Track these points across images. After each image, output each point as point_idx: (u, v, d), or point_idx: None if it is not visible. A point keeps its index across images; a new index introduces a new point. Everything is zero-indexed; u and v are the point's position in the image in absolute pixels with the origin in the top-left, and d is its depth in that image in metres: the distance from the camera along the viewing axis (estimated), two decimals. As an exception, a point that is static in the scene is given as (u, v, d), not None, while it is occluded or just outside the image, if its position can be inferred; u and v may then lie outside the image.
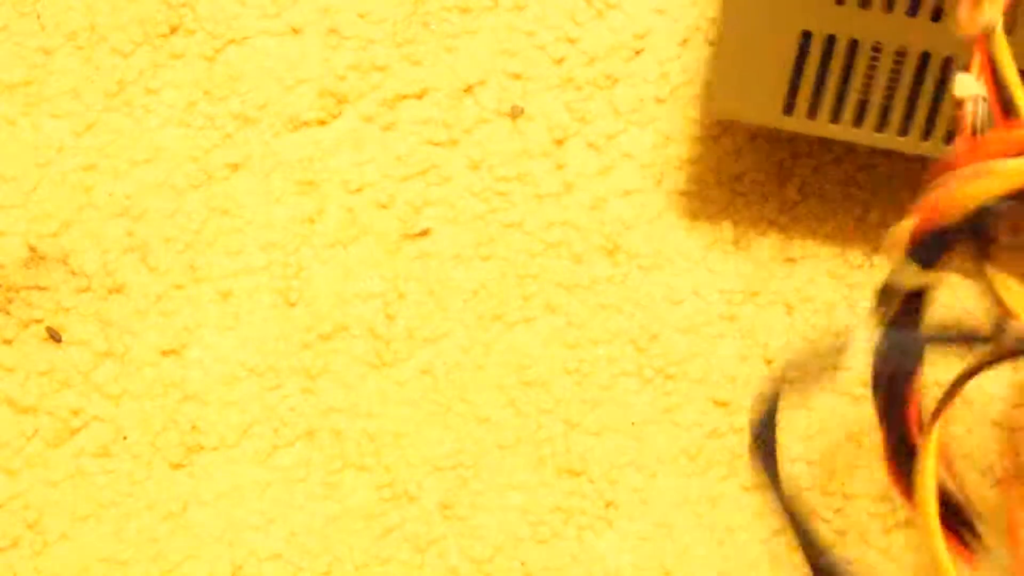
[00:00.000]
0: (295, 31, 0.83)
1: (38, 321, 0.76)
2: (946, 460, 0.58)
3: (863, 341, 0.74)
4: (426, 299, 0.77)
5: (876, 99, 0.72)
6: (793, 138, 0.81)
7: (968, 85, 0.51)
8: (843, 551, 0.72)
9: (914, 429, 0.54)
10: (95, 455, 0.73)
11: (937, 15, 0.68)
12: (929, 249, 0.54)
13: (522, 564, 0.71)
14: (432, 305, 0.77)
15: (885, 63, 0.70)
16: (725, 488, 0.73)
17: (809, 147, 0.80)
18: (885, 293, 0.56)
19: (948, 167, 0.51)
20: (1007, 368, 0.75)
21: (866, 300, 0.77)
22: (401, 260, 0.78)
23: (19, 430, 0.73)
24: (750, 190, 0.80)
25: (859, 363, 0.76)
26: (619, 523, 0.72)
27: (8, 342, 0.75)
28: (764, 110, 0.73)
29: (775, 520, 0.73)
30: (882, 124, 0.72)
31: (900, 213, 0.79)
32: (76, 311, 0.76)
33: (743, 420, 0.74)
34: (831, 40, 0.70)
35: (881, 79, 0.71)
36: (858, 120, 0.73)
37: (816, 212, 0.79)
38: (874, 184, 0.79)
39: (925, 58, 0.69)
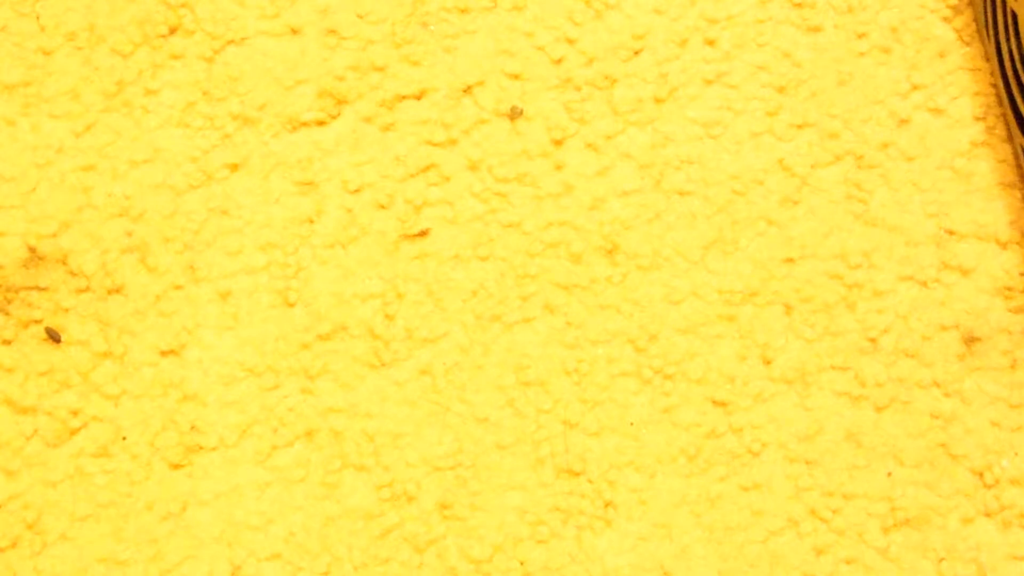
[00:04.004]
0: (294, 32, 0.83)
1: (38, 321, 0.76)
2: None
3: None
4: (425, 299, 0.77)
5: None
6: (793, 136, 0.81)
7: None
8: (843, 551, 0.72)
9: None
10: (95, 455, 0.73)
11: None
12: None
13: (521, 564, 0.71)
14: (431, 305, 0.77)
15: None
16: (724, 488, 0.73)
17: (808, 147, 0.80)
18: None
19: None
20: (1005, 369, 0.75)
21: (865, 300, 0.77)
22: (400, 260, 0.78)
23: (19, 430, 0.73)
24: (749, 189, 0.80)
25: (858, 363, 0.76)
26: (618, 523, 0.72)
27: (8, 342, 0.75)
28: None
29: (774, 520, 0.73)
30: None
31: (898, 210, 0.79)
32: (75, 311, 0.76)
33: (742, 420, 0.74)
34: None
35: None
36: None
37: (816, 211, 0.79)
38: (872, 183, 0.79)
39: None
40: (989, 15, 0.74)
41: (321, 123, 0.81)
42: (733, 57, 0.83)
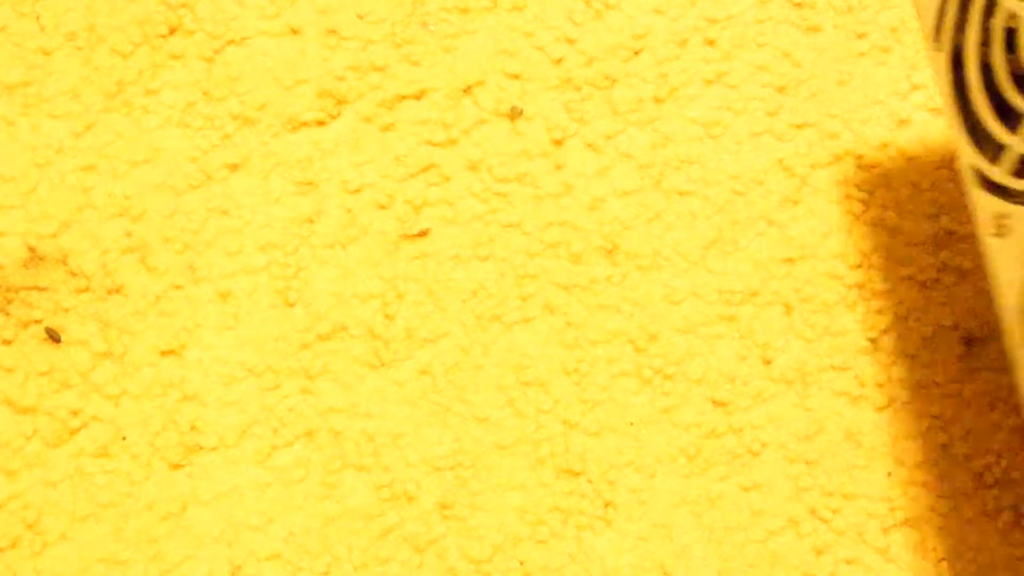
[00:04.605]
0: (294, 32, 0.83)
1: (38, 321, 0.76)
2: None
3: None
4: (425, 299, 0.77)
5: None
6: (793, 136, 0.81)
7: None
8: (843, 551, 0.72)
9: None
10: (95, 455, 0.73)
11: None
12: None
13: (521, 564, 0.71)
14: (431, 305, 0.77)
15: None
16: (724, 488, 0.73)
17: (808, 147, 0.80)
18: None
19: None
20: (1005, 369, 0.75)
21: (865, 300, 0.77)
22: (400, 260, 0.78)
23: (19, 430, 0.73)
24: (749, 189, 0.80)
25: (858, 363, 0.76)
26: (618, 523, 0.72)
27: (8, 342, 0.75)
28: None
29: (774, 520, 0.73)
30: None
31: (897, 210, 0.79)
32: (76, 311, 0.76)
33: (742, 420, 0.74)
34: None
35: None
36: None
37: (816, 211, 0.79)
38: (872, 183, 0.79)
39: None
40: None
41: (321, 123, 0.81)
42: (733, 57, 0.83)
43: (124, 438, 0.74)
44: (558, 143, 0.81)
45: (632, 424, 0.74)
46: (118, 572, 0.71)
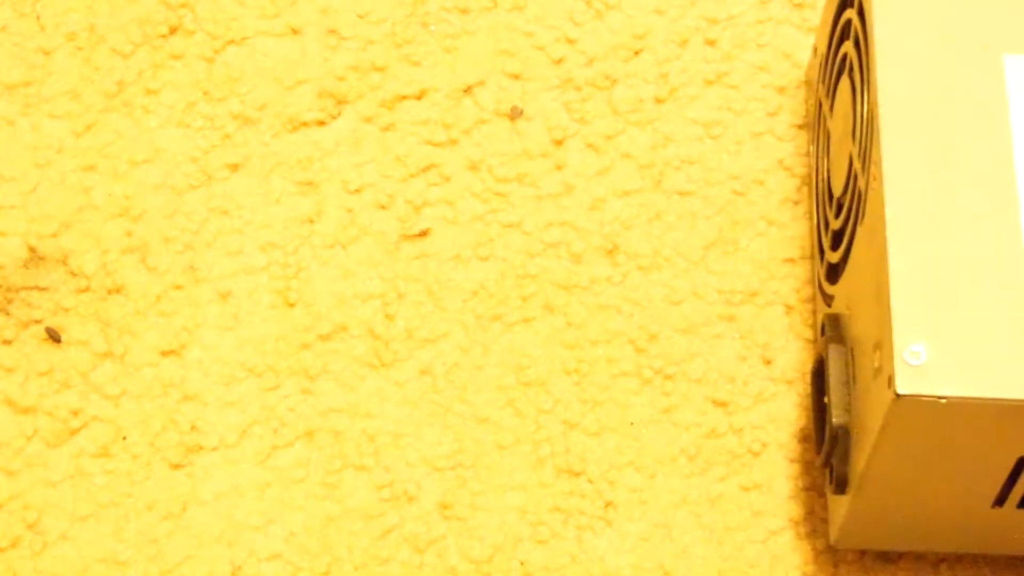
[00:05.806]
0: (294, 31, 0.83)
1: (38, 321, 0.76)
2: None
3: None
4: (425, 299, 0.77)
5: None
6: (793, 136, 0.81)
7: None
8: (843, 551, 0.72)
9: None
10: (95, 455, 0.73)
11: None
12: None
13: (521, 564, 0.71)
14: (431, 305, 0.77)
15: None
16: (724, 488, 0.73)
17: (809, 146, 0.80)
18: None
19: None
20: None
21: (865, 300, 0.77)
22: (400, 260, 0.78)
23: (19, 430, 0.73)
24: (749, 189, 0.80)
25: (858, 363, 0.75)
26: (618, 523, 0.72)
27: (8, 342, 0.75)
28: None
29: (774, 520, 0.73)
30: None
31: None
32: (76, 311, 0.76)
33: (742, 420, 0.74)
34: None
35: None
36: None
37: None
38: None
39: None
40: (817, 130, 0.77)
41: (321, 123, 0.81)
42: (733, 57, 0.83)
43: (124, 438, 0.74)
44: (558, 143, 0.81)
45: (632, 424, 0.74)
46: (118, 572, 0.71)
